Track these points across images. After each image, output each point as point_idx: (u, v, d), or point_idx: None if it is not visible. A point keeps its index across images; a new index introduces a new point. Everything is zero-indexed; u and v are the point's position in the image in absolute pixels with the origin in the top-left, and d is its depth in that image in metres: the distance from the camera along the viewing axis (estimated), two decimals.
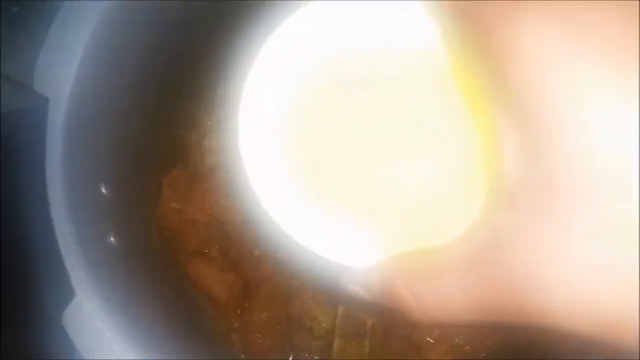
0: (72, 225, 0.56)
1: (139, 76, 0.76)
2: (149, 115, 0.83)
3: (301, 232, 0.43)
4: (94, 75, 0.64)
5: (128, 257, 0.70)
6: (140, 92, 0.77)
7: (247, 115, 0.47)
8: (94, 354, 0.52)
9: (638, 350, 0.25)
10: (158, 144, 0.89)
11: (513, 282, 0.27)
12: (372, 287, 0.38)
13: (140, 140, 0.81)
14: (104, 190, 0.67)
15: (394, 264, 0.37)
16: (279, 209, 0.43)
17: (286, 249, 0.46)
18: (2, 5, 0.89)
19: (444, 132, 0.40)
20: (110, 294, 0.56)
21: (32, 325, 0.88)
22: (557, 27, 0.24)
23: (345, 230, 0.42)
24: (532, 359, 0.92)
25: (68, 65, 0.61)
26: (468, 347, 0.96)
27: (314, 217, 0.43)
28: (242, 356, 0.95)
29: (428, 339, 0.94)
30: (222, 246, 0.97)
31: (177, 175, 0.93)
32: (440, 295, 0.32)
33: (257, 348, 0.93)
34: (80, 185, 0.60)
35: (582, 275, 0.25)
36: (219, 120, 0.99)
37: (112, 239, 0.65)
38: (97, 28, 0.62)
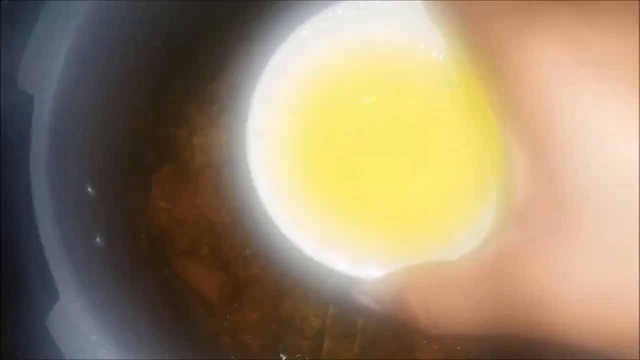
0: (57, 226, 0.54)
1: (127, 72, 0.74)
2: (138, 112, 0.82)
3: (308, 243, 0.42)
4: (80, 72, 0.63)
5: (115, 257, 0.69)
6: (129, 88, 0.76)
7: (255, 120, 0.44)
8: (79, 358, 0.50)
9: None
10: (147, 141, 0.88)
11: (520, 298, 0.27)
12: (382, 298, 0.38)
13: (129, 138, 0.80)
14: (90, 190, 0.66)
15: (404, 276, 0.37)
16: (284, 218, 0.42)
17: (291, 259, 0.45)
18: None
19: (454, 146, 0.40)
20: (96, 295, 0.55)
21: (16, 327, 0.86)
22: (565, 51, 0.24)
23: (354, 241, 0.41)
24: (522, 358, 0.92)
25: (53, 61, 0.59)
26: (459, 347, 0.95)
27: (321, 227, 0.42)
28: (232, 357, 0.94)
29: (419, 339, 0.94)
30: (212, 246, 0.96)
31: (166, 174, 0.92)
32: (449, 309, 0.32)
33: (247, 348, 0.92)
34: (65, 185, 0.59)
35: (590, 293, 0.25)
36: (210, 118, 0.98)
37: (98, 239, 0.64)
38: (83, 23, 0.61)
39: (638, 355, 0.25)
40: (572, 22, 0.24)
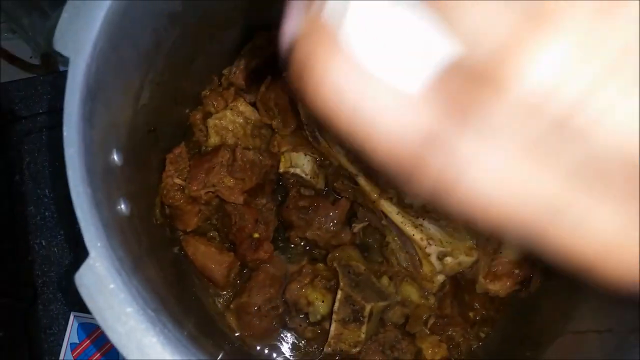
0: (88, 185, 0.55)
1: (154, 46, 0.75)
2: (159, 88, 0.82)
3: None
4: (112, 39, 0.63)
5: (135, 226, 0.69)
6: (153, 62, 0.77)
7: None
8: (108, 315, 0.51)
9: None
10: (165, 118, 0.88)
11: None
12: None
13: (149, 113, 0.81)
14: (115, 158, 0.66)
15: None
16: None
17: None
18: None
19: None
20: (122, 257, 0.56)
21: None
22: None
23: None
24: (520, 345, 0.93)
25: (89, 26, 0.60)
26: (461, 339, 0.97)
27: None
28: (237, 335, 0.94)
29: (423, 328, 0.95)
30: (222, 226, 0.97)
31: (181, 153, 0.93)
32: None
33: (252, 330, 0.93)
34: (95, 149, 0.59)
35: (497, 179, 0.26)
36: (225, 101, 0.99)
37: (122, 206, 0.65)
38: None
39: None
40: None
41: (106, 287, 0.52)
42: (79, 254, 0.53)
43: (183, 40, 0.84)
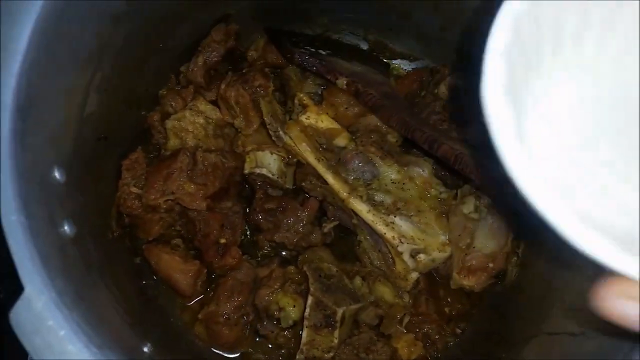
0: (22, 214, 0.51)
1: (99, 49, 0.70)
2: (108, 92, 0.77)
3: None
4: (47, 48, 0.58)
5: (83, 247, 0.65)
6: (98, 65, 0.72)
7: None
8: (46, 355, 0.47)
9: None
10: (118, 123, 0.84)
11: None
12: None
13: (99, 120, 0.76)
14: (57, 175, 0.62)
15: None
16: None
17: None
18: None
19: None
20: (63, 288, 0.52)
21: None
22: None
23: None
24: (495, 344, 0.92)
25: (17, 36, 0.55)
26: (437, 336, 0.95)
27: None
28: (211, 349, 0.91)
29: (398, 327, 0.93)
30: (185, 234, 0.93)
31: (138, 158, 0.88)
32: None
33: (222, 339, 0.90)
34: (31, 171, 0.55)
35: None
36: (184, 100, 0.94)
37: (65, 228, 0.60)
38: None
39: None
40: None
41: (44, 325, 0.48)
42: (16, 283, 0.49)
43: (132, 40, 0.78)
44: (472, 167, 0.74)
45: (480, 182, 0.73)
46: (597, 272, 0.68)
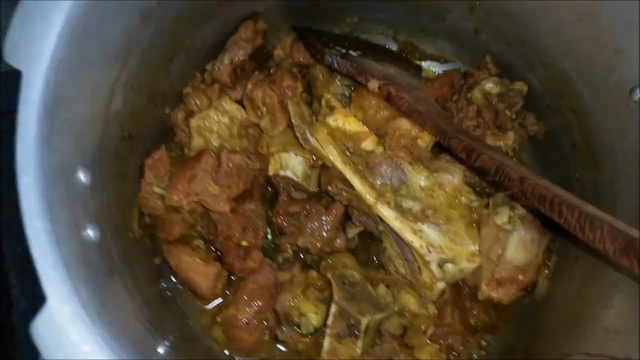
0: (46, 219, 0.49)
1: (126, 46, 0.68)
2: (134, 89, 0.75)
3: None
4: (75, 45, 0.56)
5: (105, 251, 0.63)
6: (125, 63, 0.70)
7: None
8: None
9: None
10: (142, 122, 0.81)
11: None
12: None
13: (124, 118, 0.74)
14: (82, 177, 0.60)
15: None
16: None
17: None
18: None
19: None
20: (87, 297, 0.50)
21: None
22: None
23: None
24: (525, 359, 0.89)
25: (45, 34, 0.53)
26: (462, 348, 0.92)
27: None
28: (226, 352, 0.89)
29: (422, 337, 0.90)
30: (207, 235, 0.91)
31: (161, 157, 0.86)
32: None
33: (241, 344, 0.88)
34: (56, 172, 0.53)
35: None
36: (209, 99, 0.92)
37: (89, 231, 0.58)
38: None
39: None
40: None
41: (67, 339, 0.46)
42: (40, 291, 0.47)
43: (159, 38, 0.76)
44: (514, 180, 0.71)
45: (522, 194, 0.69)
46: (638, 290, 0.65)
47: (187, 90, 0.92)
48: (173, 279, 0.90)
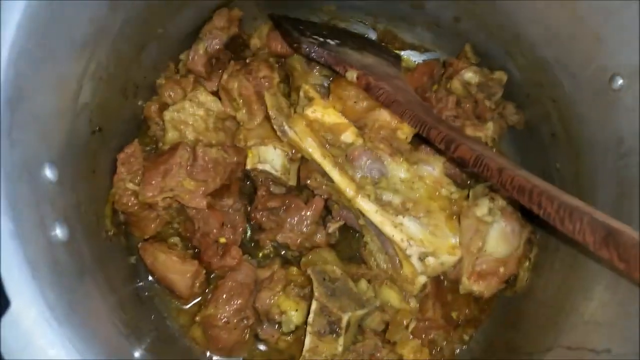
0: (9, 220, 0.46)
1: (95, 35, 0.65)
2: (104, 80, 0.72)
3: None
4: (38, 34, 0.53)
5: (75, 250, 0.60)
6: (93, 53, 0.66)
7: None
8: None
9: None
10: (113, 115, 0.78)
11: None
12: None
13: (93, 111, 0.71)
14: (48, 173, 0.57)
15: None
16: None
17: None
18: None
19: None
20: (54, 300, 0.47)
21: None
22: None
23: None
24: (507, 353, 0.88)
25: (4, 22, 0.50)
26: (444, 343, 0.91)
27: None
28: (207, 353, 0.87)
29: (404, 332, 0.89)
30: (183, 232, 0.88)
31: (134, 152, 0.83)
32: None
33: (220, 344, 0.85)
34: (20, 169, 0.50)
35: None
36: (184, 90, 0.89)
37: (57, 231, 0.56)
38: None
39: None
40: None
41: (33, 343, 0.43)
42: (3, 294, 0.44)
43: (130, 26, 0.73)
44: (493, 170, 0.69)
45: (501, 185, 0.68)
46: (619, 282, 0.65)
47: (160, 81, 0.89)
48: (149, 278, 0.87)
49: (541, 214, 0.63)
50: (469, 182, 0.95)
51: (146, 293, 0.86)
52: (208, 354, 0.88)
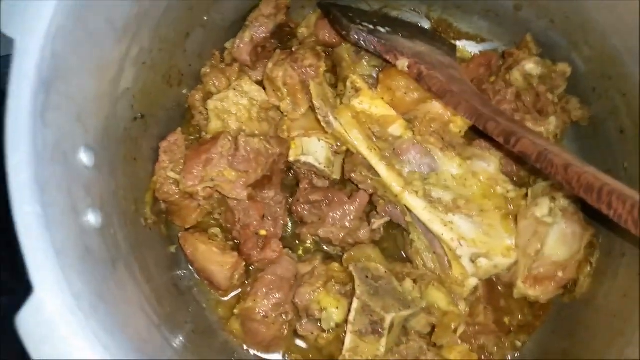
0: (37, 204, 0.44)
1: (137, 18, 0.63)
2: (147, 66, 0.71)
3: None
4: (77, 13, 0.52)
5: (110, 238, 0.59)
6: (136, 38, 0.65)
7: None
8: None
9: None
10: (156, 102, 0.77)
11: None
12: None
13: (135, 97, 0.70)
14: (84, 158, 0.55)
15: None
16: None
17: None
18: None
19: None
20: (81, 288, 0.45)
21: None
22: None
23: None
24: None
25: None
26: (495, 349, 0.86)
27: None
28: (245, 347, 0.85)
29: (451, 336, 0.84)
30: (224, 223, 0.87)
31: (177, 141, 0.81)
32: None
33: (258, 338, 0.83)
34: (52, 151, 0.49)
35: None
36: (228, 79, 0.87)
37: (90, 217, 0.54)
38: None
39: None
40: None
41: (55, 334, 0.42)
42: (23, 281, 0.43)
43: (174, 11, 0.72)
44: (558, 167, 0.64)
45: (567, 183, 0.63)
46: None
47: (205, 69, 0.88)
48: (189, 267, 0.86)
49: (611, 215, 0.58)
50: (526, 180, 0.89)
51: (185, 283, 0.85)
52: (245, 347, 0.85)
